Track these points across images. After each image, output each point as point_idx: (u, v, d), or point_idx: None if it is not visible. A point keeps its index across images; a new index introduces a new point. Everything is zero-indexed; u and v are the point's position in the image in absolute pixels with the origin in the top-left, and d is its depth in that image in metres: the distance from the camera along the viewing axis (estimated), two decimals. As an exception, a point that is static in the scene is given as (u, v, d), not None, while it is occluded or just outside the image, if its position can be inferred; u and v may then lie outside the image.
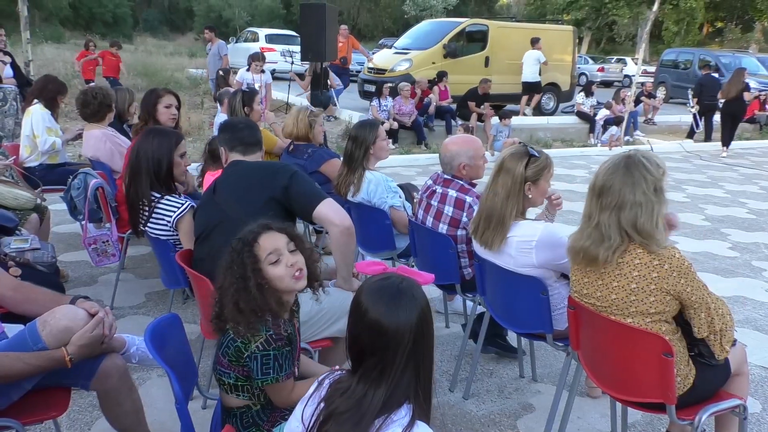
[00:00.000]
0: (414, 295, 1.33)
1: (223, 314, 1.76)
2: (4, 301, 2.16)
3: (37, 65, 9.55)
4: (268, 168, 2.63)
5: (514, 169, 2.51)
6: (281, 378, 1.72)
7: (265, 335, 1.71)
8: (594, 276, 2.14)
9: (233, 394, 1.78)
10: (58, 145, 4.72)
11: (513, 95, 13.48)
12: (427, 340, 1.34)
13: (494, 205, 2.55)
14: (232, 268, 1.76)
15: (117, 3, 38.49)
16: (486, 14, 36.08)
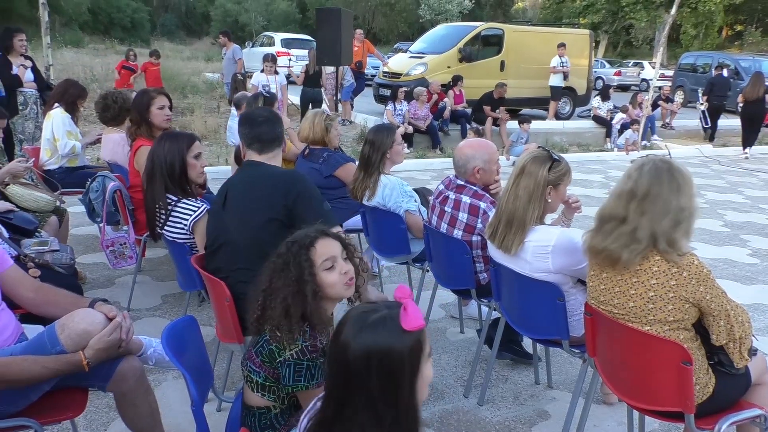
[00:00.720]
0: (377, 335, 1.20)
1: (265, 316, 1.75)
2: (25, 302, 2.19)
3: (57, 69, 9.72)
4: (275, 185, 2.52)
5: (537, 172, 2.48)
6: (311, 386, 1.72)
7: (301, 346, 1.70)
8: (611, 283, 2.12)
9: (258, 393, 1.78)
10: (77, 148, 4.78)
11: (529, 99, 13.45)
12: (376, 388, 1.19)
13: (515, 209, 2.51)
14: (286, 270, 1.75)
15: (135, 8, 38.95)
16: (501, 18, 36.06)
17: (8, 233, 3.18)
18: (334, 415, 1.23)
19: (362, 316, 1.24)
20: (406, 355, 1.19)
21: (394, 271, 4.82)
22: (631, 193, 2.05)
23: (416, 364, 1.22)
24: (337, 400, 1.23)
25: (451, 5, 35.15)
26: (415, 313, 1.22)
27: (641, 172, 2.04)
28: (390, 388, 1.19)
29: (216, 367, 2.95)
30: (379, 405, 1.19)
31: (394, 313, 1.22)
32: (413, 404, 1.23)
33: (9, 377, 1.82)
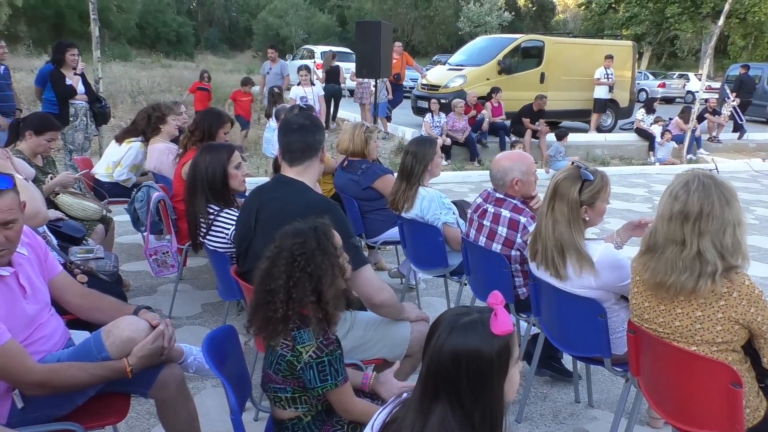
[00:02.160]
0: (461, 333, 1.26)
1: (291, 311, 1.76)
2: (73, 308, 2.25)
3: (106, 82, 10.03)
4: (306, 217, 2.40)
5: (568, 194, 2.43)
6: (340, 382, 1.74)
7: (316, 343, 1.73)
8: (655, 301, 2.06)
9: (292, 407, 1.80)
10: (130, 182, 4.87)
11: (569, 112, 13.28)
12: (465, 387, 1.25)
13: (561, 235, 2.44)
14: (316, 256, 1.78)
15: (180, 23, 40.08)
16: (542, 30, 35.78)
17: (57, 241, 3.29)
18: (421, 410, 1.28)
19: (454, 318, 1.29)
20: (494, 358, 1.25)
21: (431, 284, 4.80)
22: (682, 214, 1.96)
23: (504, 367, 1.27)
24: (427, 397, 1.28)
25: (491, 17, 35.10)
26: (504, 318, 1.27)
27: (688, 191, 1.96)
28: (478, 388, 1.25)
29: (253, 376, 2.97)
30: (467, 403, 1.25)
31: (485, 318, 1.28)
32: (500, 405, 1.28)
33: (57, 383, 1.87)
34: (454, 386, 1.25)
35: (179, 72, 21.29)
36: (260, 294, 1.81)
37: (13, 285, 1.95)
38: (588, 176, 2.44)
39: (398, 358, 2.49)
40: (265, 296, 1.78)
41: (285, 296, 1.76)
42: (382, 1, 39.93)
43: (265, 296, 1.79)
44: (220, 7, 47.58)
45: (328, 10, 46.18)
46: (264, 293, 1.79)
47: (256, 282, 1.85)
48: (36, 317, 2.02)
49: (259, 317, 1.80)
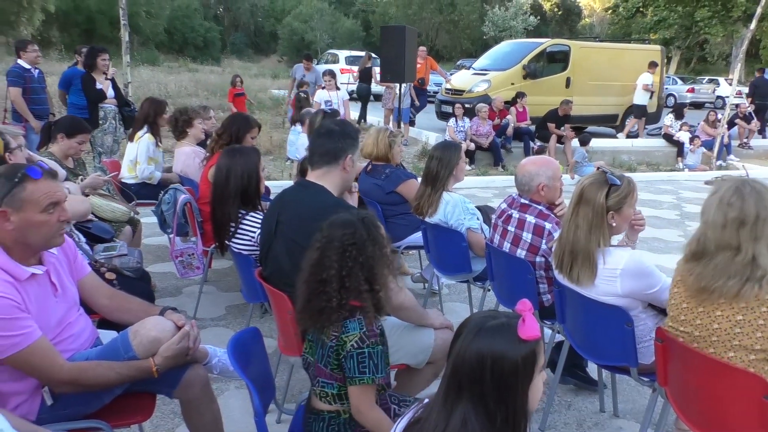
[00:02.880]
0: (487, 337, 1.27)
1: (344, 301, 1.78)
2: (101, 308, 2.29)
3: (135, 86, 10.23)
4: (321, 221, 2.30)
5: (594, 199, 2.40)
6: (377, 379, 1.76)
7: (359, 333, 1.76)
8: (694, 302, 2.02)
9: (337, 403, 1.83)
10: (155, 178, 4.96)
11: (595, 117, 13.15)
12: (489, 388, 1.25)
13: (577, 240, 2.44)
14: (367, 246, 1.80)
15: (207, 28, 40.62)
16: (567, 35, 35.45)
17: (85, 240, 3.35)
18: (444, 410, 1.29)
19: (482, 320, 1.30)
20: (520, 363, 1.26)
21: (454, 289, 4.77)
22: (738, 220, 1.94)
23: (530, 373, 1.28)
24: (450, 397, 1.29)
25: (516, 21, 34.96)
26: (532, 324, 1.28)
27: (743, 198, 1.95)
28: (502, 391, 1.26)
29: (276, 378, 2.99)
30: (490, 405, 1.26)
31: (512, 322, 1.28)
32: (523, 411, 1.29)
33: (85, 381, 1.91)
34: (478, 387, 1.26)
35: (206, 76, 21.60)
36: (312, 284, 1.82)
37: (45, 283, 2.00)
38: (614, 181, 2.41)
39: (420, 365, 2.48)
40: (318, 286, 1.80)
41: (338, 285, 1.78)
42: (407, 6, 40.01)
43: (317, 286, 1.80)
44: (246, 12, 48.14)
45: (352, 15, 46.44)
46: (316, 283, 1.81)
47: (306, 272, 1.85)
48: (65, 316, 2.06)
49: (312, 307, 1.81)
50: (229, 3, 47.97)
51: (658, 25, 33.12)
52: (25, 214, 1.86)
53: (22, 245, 1.90)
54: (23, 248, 1.91)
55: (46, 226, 1.91)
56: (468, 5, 39.38)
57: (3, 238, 1.88)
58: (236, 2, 47.63)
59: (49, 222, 1.91)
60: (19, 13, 23.01)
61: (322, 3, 43.29)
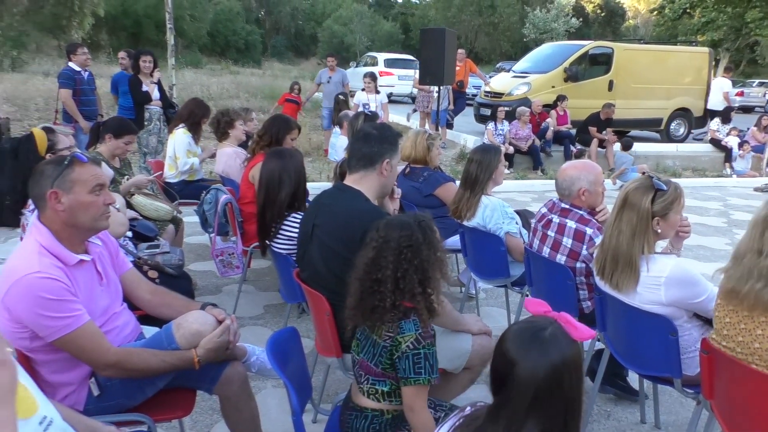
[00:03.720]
0: (550, 346, 1.25)
1: (398, 301, 1.80)
2: (143, 303, 2.35)
3: (178, 88, 10.50)
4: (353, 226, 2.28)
5: (640, 204, 2.35)
6: (433, 380, 1.77)
7: (415, 334, 1.77)
8: (736, 318, 1.96)
9: (386, 401, 1.84)
10: (195, 165, 5.11)
11: (639, 121, 12.86)
12: (555, 398, 1.24)
13: (620, 245, 2.39)
14: (423, 249, 1.81)
15: (249, 31, 41.33)
16: (610, 36, 34.78)
17: (132, 236, 3.45)
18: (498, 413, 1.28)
19: (536, 334, 1.27)
20: (581, 361, 1.29)
21: (491, 294, 4.73)
22: (763, 221, 1.91)
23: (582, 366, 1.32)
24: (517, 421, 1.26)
25: (557, 23, 34.46)
26: (581, 324, 1.31)
27: None
28: (577, 392, 1.27)
29: (312, 378, 3.01)
30: (564, 413, 1.26)
31: (557, 326, 1.29)
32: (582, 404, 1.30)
33: (130, 366, 1.97)
34: (553, 402, 1.25)
35: (247, 78, 21.96)
36: (366, 282, 1.83)
37: (92, 271, 2.07)
38: (661, 186, 2.35)
39: (457, 370, 2.47)
40: (371, 285, 1.81)
41: (392, 286, 1.79)
42: (446, 8, 39.89)
43: (371, 285, 1.81)
44: (287, 15, 48.80)
45: (391, 18, 46.63)
46: (370, 282, 1.82)
47: (360, 270, 1.86)
48: (110, 306, 2.12)
49: (365, 305, 1.82)
50: (271, 6, 48.71)
51: (706, 27, 32.14)
52: (75, 195, 1.94)
53: (71, 228, 1.98)
54: (72, 232, 1.99)
55: (93, 206, 1.99)
56: (508, 7, 39.04)
57: (53, 221, 1.95)
58: (277, 6, 48.34)
59: (97, 203, 2.00)
60: (71, 18, 23.81)
61: (361, 6, 43.61)
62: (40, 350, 1.91)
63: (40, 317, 1.82)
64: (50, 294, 1.82)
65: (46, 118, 10.54)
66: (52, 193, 1.92)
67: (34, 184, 1.95)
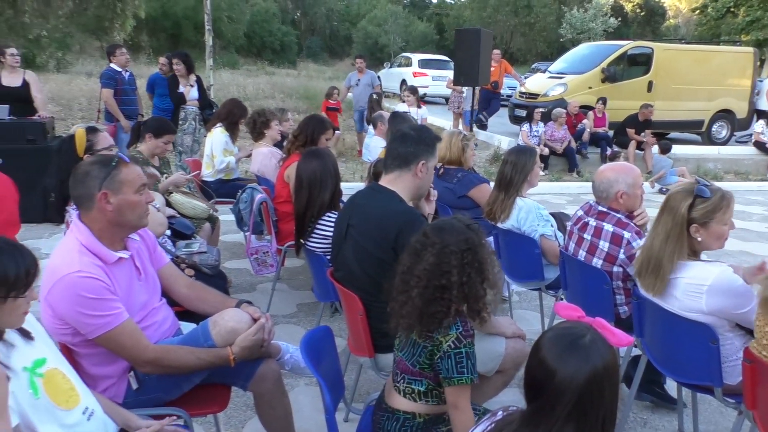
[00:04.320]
0: (591, 353, 1.23)
1: (461, 307, 1.80)
2: (180, 297, 2.40)
3: (215, 89, 10.67)
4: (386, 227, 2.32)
5: (677, 209, 2.30)
6: (475, 378, 1.77)
7: (456, 334, 1.77)
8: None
9: (422, 400, 1.84)
10: (231, 163, 5.19)
11: (679, 123, 12.56)
12: (595, 405, 1.23)
13: (653, 248, 2.36)
14: (480, 251, 1.80)
15: (285, 32, 41.69)
16: (650, 36, 34.02)
17: (170, 235, 3.52)
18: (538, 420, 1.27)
19: (575, 341, 1.25)
20: (619, 368, 1.28)
21: (524, 297, 4.68)
22: None
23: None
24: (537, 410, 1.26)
25: (595, 23, 33.84)
26: (619, 331, 1.31)
27: None
28: (614, 399, 1.26)
29: (344, 377, 3.03)
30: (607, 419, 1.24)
31: (595, 333, 1.27)
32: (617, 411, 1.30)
33: (168, 362, 2.01)
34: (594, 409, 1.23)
35: (282, 79, 22.17)
36: (429, 290, 1.78)
37: (130, 267, 2.11)
38: (703, 192, 2.28)
39: (490, 373, 2.45)
40: (435, 292, 1.77)
41: (458, 292, 1.77)
42: (481, 9, 39.58)
43: (434, 292, 1.77)
44: (322, 16, 49.11)
45: (426, 18, 46.48)
46: (433, 289, 1.77)
47: (422, 279, 1.80)
48: (149, 301, 2.17)
49: (427, 313, 1.78)
50: (306, 8, 49.10)
51: (751, 26, 31.15)
52: (123, 195, 2.01)
53: (115, 227, 2.04)
54: (115, 231, 2.05)
55: (139, 206, 2.06)
56: (545, 7, 38.51)
57: (97, 220, 2.01)
58: (313, 7, 48.69)
59: (141, 202, 2.07)
60: (113, 20, 24.40)
61: (396, 6, 43.61)
62: (81, 345, 1.97)
63: (80, 315, 1.88)
64: (90, 293, 1.87)
65: (89, 118, 10.85)
66: (103, 194, 1.97)
67: (78, 184, 2.00)
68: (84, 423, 1.64)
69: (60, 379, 1.64)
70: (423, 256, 1.81)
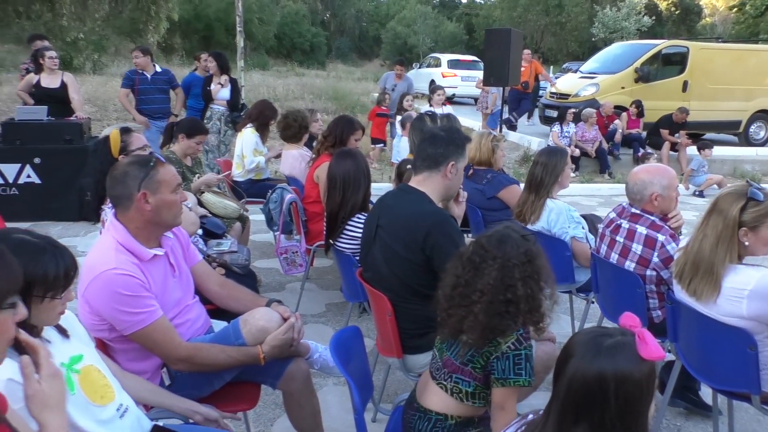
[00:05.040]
0: (605, 357, 1.20)
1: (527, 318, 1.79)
2: (212, 295, 2.44)
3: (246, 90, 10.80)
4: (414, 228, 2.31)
5: (728, 210, 2.25)
6: (532, 381, 1.76)
7: (516, 335, 1.76)
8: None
9: (469, 401, 1.83)
10: (261, 163, 5.25)
11: (715, 123, 12.27)
12: (605, 410, 1.20)
13: (702, 250, 2.30)
14: (536, 260, 1.80)
15: (314, 33, 41.97)
16: (685, 35, 33.31)
17: (202, 235, 3.57)
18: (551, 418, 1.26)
19: (596, 339, 1.24)
20: (643, 383, 1.20)
21: (554, 299, 4.62)
22: None
23: (651, 393, 1.22)
24: (567, 422, 1.24)
25: (628, 22, 33.23)
26: (653, 342, 1.22)
27: None
28: (626, 413, 1.20)
29: (372, 377, 3.03)
30: (609, 428, 1.21)
31: (629, 340, 1.23)
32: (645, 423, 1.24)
33: (199, 360, 2.05)
34: (599, 411, 1.21)
35: (311, 80, 22.30)
36: (495, 305, 1.75)
37: (165, 264, 2.16)
38: (756, 195, 2.22)
39: None
40: (501, 306, 1.75)
41: (525, 305, 1.76)
42: (512, 8, 39.23)
43: (500, 306, 1.75)
44: (351, 17, 49.30)
45: (455, 19, 46.29)
46: (499, 304, 1.75)
47: (487, 294, 1.77)
48: (183, 298, 2.21)
49: (493, 327, 1.76)
50: (336, 9, 49.35)
51: (791, 24, 30.30)
52: (161, 194, 2.05)
53: (152, 226, 2.08)
54: (152, 229, 2.09)
55: (175, 205, 2.11)
56: (576, 6, 37.98)
57: (136, 220, 2.05)
58: (342, 8, 48.91)
59: (177, 201, 2.12)
60: (147, 22, 24.92)
61: (425, 7, 43.48)
62: (117, 340, 2.02)
63: (116, 312, 1.92)
64: (126, 290, 1.92)
65: (123, 119, 11.08)
66: (142, 195, 2.01)
67: (117, 184, 2.04)
68: (117, 419, 1.68)
69: (96, 376, 1.68)
70: (484, 270, 1.78)
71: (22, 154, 5.98)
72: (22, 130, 6.00)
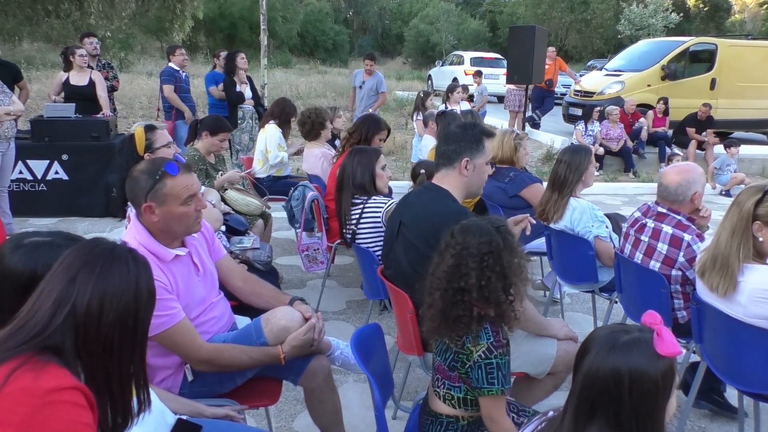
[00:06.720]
0: (619, 353, 1.20)
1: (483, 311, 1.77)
2: (236, 290, 2.45)
3: (269, 87, 10.88)
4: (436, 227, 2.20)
5: (744, 202, 2.24)
6: (506, 390, 1.74)
7: (487, 344, 1.73)
8: None
9: (461, 408, 1.82)
10: (284, 159, 5.29)
11: (744, 122, 12.03)
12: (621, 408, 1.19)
13: (720, 243, 2.29)
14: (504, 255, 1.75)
15: (337, 31, 42.09)
16: (713, 32, 32.67)
17: (225, 231, 3.61)
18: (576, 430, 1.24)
19: (613, 335, 1.24)
20: (659, 380, 1.18)
21: (576, 298, 4.58)
22: None
23: (668, 390, 1.20)
24: (582, 417, 1.24)
25: (655, 19, 32.67)
26: (670, 338, 1.20)
27: None
28: (640, 410, 1.19)
29: (393, 375, 3.04)
30: (625, 426, 1.20)
31: (647, 337, 1.22)
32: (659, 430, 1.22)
33: (220, 361, 2.06)
34: (614, 407, 1.20)
35: (334, 78, 22.37)
36: (449, 292, 1.77)
37: (188, 263, 2.17)
38: None
39: (541, 375, 2.41)
40: (455, 294, 1.76)
41: (478, 295, 1.74)
42: (536, 5, 38.83)
43: (454, 294, 1.76)
44: (374, 15, 49.31)
45: (479, 16, 46.03)
46: (453, 291, 1.76)
47: (441, 280, 1.79)
48: (208, 296, 2.23)
49: (449, 316, 1.77)
50: (359, 6, 49.40)
51: (824, 20, 29.54)
52: (168, 207, 2.02)
53: (166, 233, 2.08)
54: (168, 234, 2.09)
55: (186, 217, 2.07)
56: (602, 3, 37.44)
57: (150, 223, 2.06)
58: (365, 6, 48.94)
59: (188, 213, 2.07)
60: (173, 21, 25.23)
61: (448, 4, 43.33)
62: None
63: None
64: None
65: (149, 116, 11.25)
66: (147, 207, 2.01)
67: (131, 189, 2.05)
68: None
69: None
70: (444, 257, 1.79)
71: (50, 151, 6.11)
72: (51, 127, 6.12)
